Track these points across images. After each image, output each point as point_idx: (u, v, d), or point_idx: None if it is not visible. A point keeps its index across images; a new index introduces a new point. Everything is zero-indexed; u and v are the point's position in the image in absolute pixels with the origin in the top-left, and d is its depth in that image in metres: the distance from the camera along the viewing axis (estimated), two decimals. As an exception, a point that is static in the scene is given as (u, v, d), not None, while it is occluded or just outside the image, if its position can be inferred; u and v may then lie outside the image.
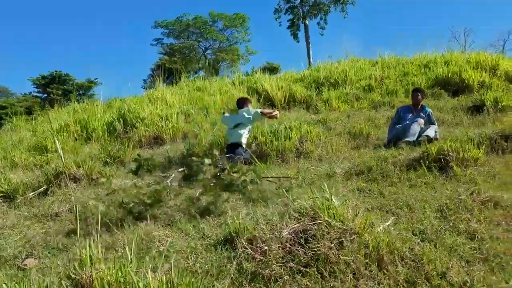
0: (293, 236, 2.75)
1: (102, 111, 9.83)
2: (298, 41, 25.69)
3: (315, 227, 2.72)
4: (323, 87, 11.63)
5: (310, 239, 2.68)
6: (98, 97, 21.72)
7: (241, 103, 6.38)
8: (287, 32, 26.96)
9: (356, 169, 4.81)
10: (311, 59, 23.23)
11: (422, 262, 2.50)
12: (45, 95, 36.90)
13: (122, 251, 3.02)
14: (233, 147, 5.80)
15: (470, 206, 3.25)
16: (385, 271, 2.44)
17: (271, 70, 28.14)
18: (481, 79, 10.09)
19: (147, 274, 2.11)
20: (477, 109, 7.48)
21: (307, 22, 24.54)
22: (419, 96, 6.44)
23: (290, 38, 27.15)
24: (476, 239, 2.78)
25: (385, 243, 2.58)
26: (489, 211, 3.17)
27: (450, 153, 4.58)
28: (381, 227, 2.95)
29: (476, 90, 9.84)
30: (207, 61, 33.70)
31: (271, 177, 4.57)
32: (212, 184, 4.10)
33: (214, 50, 34.48)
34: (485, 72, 10.81)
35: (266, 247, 2.65)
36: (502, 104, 7.17)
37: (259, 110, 5.98)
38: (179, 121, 8.56)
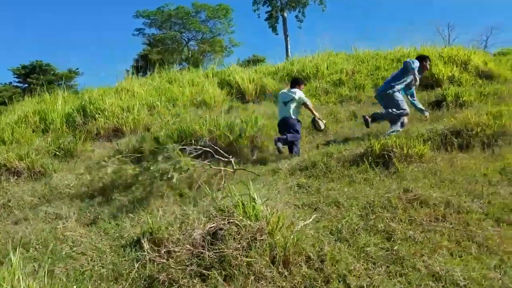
0: (205, 237, 2.63)
1: (64, 102, 9.56)
2: (276, 34, 25.55)
3: (227, 227, 2.60)
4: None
5: (220, 240, 2.57)
6: (79, 87, 21.27)
7: (294, 83, 6.33)
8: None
9: (301, 165, 4.71)
10: (289, 52, 23.07)
11: (329, 263, 2.41)
12: (26, 85, 36.16)
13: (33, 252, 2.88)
14: (284, 121, 5.91)
15: (395, 204, 3.17)
16: (286, 273, 2.35)
17: (257, 62, 27.93)
18: (451, 74, 10.04)
19: (21, 279, 1.97)
20: (438, 104, 7.44)
21: (285, 14, 24.30)
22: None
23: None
24: (392, 239, 2.70)
25: (292, 243, 2.48)
26: (415, 210, 3.09)
27: (394, 149, 4.51)
28: (299, 226, 2.85)
29: (445, 85, 9.83)
30: (189, 52, 33.31)
31: (211, 167, 4.45)
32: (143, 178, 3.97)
33: (197, 41, 34.05)
34: (456, 67, 10.81)
35: (173, 249, 2.53)
36: (463, 99, 7.13)
37: (308, 102, 6.10)
38: (141, 113, 8.35)
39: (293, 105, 5.97)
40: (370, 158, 4.54)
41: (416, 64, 6.01)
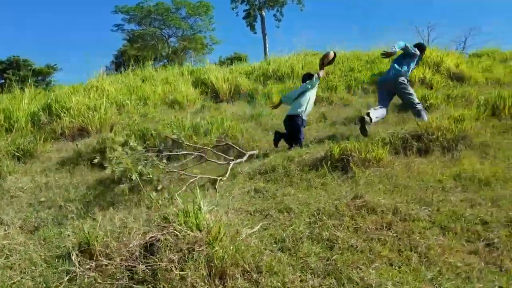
0: (140, 248, 2.54)
1: (31, 100, 9.28)
2: (255, 32, 25.44)
3: (164, 237, 2.52)
4: (269, 80, 11.47)
5: (156, 251, 2.48)
6: (56, 83, 20.73)
7: (307, 77, 6.39)
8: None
9: (261, 168, 4.65)
10: (267, 51, 23.08)
11: (265, 275, 2.35)
12: (2, 80, 35.20)
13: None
14: (289, 119, 5.99)
15: (343, 212, 3.13)
16: (221, 287, 2.28)
17: (239, 60, 27.79)
18: (422, 75, 10.14)
19: None
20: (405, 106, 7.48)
21: (263, 13, 24.22)
22: None
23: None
24: (334, 248, 2.66)
25: (231, 254, 2.41)
26: (362, 218, 3.06)
27: (352, 153, 4.49)
28: (244, 235, 2.79)
29: (416, 87, 9.91)
30: (169, 49, 32.94)
31: (168, 171, 4.36)
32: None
33: (177, 38, 33.68)
34: (429, 69, 10.92)
35: (104, 262, 2.43)
36: (430, 102, 7.18)
37: (315, 75, 6.19)
38: (108, 112, 8.16)
39: (303, 101, 6.00)
40: (329, 162, 4.52)
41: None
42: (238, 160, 5.24)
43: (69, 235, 3.11)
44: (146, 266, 2.35)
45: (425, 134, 5.01)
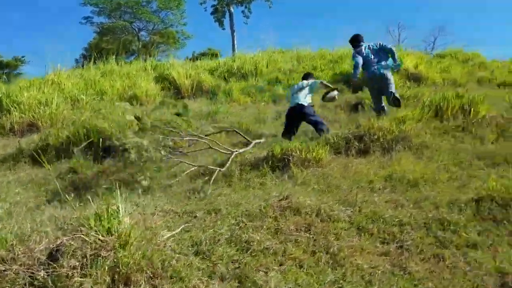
0: (46, 253, 2.46)
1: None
2: (223, 28, 25.27)
3: (69, 243, 2.45)
4: (233, 78, 11.44)
5: (61, 257, 2.41)
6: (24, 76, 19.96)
7: (306, 76, 6.72)
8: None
9: (203, 168, 4.61)
10: (235, 47, 22.97)
11: (170, 281, 2.33)
12: (-31, 73, 33.72)
13: None
14: (296, 109, 6.11)
15: (268, 213, 3.14)
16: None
17: (212, 55, 27.56)
18: (381, 76, 10.29)
19: None
20: (356, 106, 7.60)
21: (232, 9, 24.10)
22: None
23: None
24: (249, 251, 2.66)
25: (136, 260, 2.36)
26: (285, 219, 3.08)
27: (293, 153, 4.51)
28: (163, 238, 2.75)
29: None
30: (140, 43, 32.35)
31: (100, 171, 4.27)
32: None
33: (148, 32, 33.10)
34: (389, 69, 11.13)
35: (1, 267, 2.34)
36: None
37: (319, 81, 6.54)
38: (60, 107, 7.95)
39: (304, 92, 6.21)
40: (270, 162, 4.54)
41: None
42: (242, 150, 5.16)
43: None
44: (46, 273, 2.28)
45: (367, 134, 5.09)
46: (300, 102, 6.09)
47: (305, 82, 6.41)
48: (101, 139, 5.52)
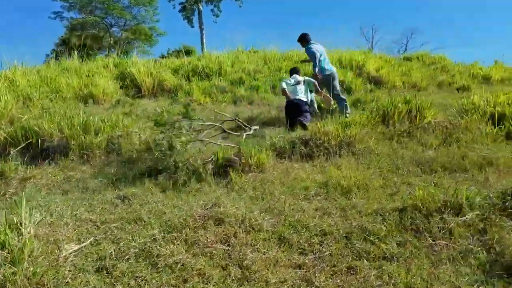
0: None
1: None
2: (192, 26, 24.98)
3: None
4: (197, 77, 11.26)
5: None
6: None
7: (294, 71, 7.25)
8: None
9: (145, 173, 4.45)
10: (204, 46, 22.78)
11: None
12: None
13: None
14: (295, 103, 6.59)
15: (190, 223, 3.03)
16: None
17: (187, 53, 27.20)
18: (343, 78, 10.32)
19: None
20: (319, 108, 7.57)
21: (200, 7, 23.87)
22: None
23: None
24: (157, 266, 2.54)
25: (26, 277, 2.21)
26: (205, 230, 2.98)
27: (235, 158, 4.42)
28: (68, 251, 2.60)
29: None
30: (111, 38, 31.69)
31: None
32: None
33: (121, 28, 32.46)
34: (352, 72, 11.19)
35: None
36: (334, 106, 7.29)
37: (313, 81, 6.97)
38: (9, 105, 7.58)
39: (302, 88, 6.76)
40: (212, 167, 4.43)
41: None
42: (245, 134, 5.80)
43: None
44: None
45: (312, 139, 5.05)
46: (300, 98, 6.64)
47: (301, 77, 6.91)
48: (40, 140, 5.28)
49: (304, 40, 7.46)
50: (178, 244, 2.79)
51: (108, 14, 31.17)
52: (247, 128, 6.27)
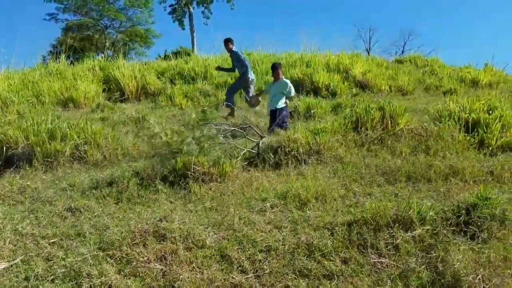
0: None
1: None
2: (183, 28, 24.85)
3: None
4: (181, 80, 11.16)
5: None
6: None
7: (276, 66, 6.96)
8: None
9: (100, 180, 4.35)
10: (195, 48, 22.67)
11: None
12: None
13: None
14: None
15: (127, 240, 2.92)
16: None
17: (186, 54, 27.06)
18: (328, 82, 10.22)
19: None
20: (291, 114, 7.45)
21: (191, 9, 23.74)
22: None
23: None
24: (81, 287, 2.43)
25: None
26: (145, 247, 2.87)
27: (196, 167, 4.31)
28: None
29: (322, 93, 10.02)
30: (106, 40, 31.61)
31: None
32: None
33: (116, 30, 32.39)
34: (338, 75, 11.05)
35: None
36: (313, 111, 7.19)
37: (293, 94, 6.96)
38: (-17, 111, 7.52)
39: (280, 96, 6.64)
40: (171, 176, 4.33)
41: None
42: (263, 139, 5.30)
43: None
44: None
45: (282, 146, 4.95)
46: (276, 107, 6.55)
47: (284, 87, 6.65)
48: (4, 148, 5.19)
49: (230, 42, 8.07)
50: (112, 263, 2.68)
51: (103, 16, 31.09)
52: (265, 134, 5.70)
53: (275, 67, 6.90)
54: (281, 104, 6.59)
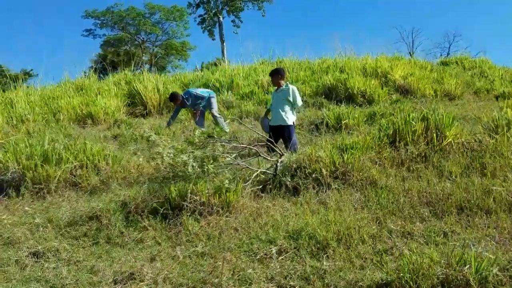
0: None
1: None
2: (213, 39, 24.33)
3: None
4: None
5: None
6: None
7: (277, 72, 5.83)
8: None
9: (83, 215, 3.69)
10: (225, 58, 22.17)
11: None
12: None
13: None
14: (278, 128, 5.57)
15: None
16: None
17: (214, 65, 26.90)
18: (364, 88, 9.22)
19: None
20: (317, 126, 6.57)
21: (221, 19, 23.28)
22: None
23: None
24: None
25: None
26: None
27: (194, 196, 3.56)
28: None
29: (359, 100, 9.03)
30: (143, 54, 32.10)
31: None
32: None
33: (153, 44, 32.86)
34: (377, 80, 10.03)
35: None
36: (344, 122, 6.27)
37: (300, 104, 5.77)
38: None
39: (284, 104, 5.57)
40: (164, 209, 3.59)
41: None
42: (282, 158, 4.48)
43: None
44: None
45: (301, 167, 4.11)
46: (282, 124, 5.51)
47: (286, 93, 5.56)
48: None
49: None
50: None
51: (140, 30, 31.61)
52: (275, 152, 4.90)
53: (271, 74, 5.80)
54: (289, 118, 5.46)
